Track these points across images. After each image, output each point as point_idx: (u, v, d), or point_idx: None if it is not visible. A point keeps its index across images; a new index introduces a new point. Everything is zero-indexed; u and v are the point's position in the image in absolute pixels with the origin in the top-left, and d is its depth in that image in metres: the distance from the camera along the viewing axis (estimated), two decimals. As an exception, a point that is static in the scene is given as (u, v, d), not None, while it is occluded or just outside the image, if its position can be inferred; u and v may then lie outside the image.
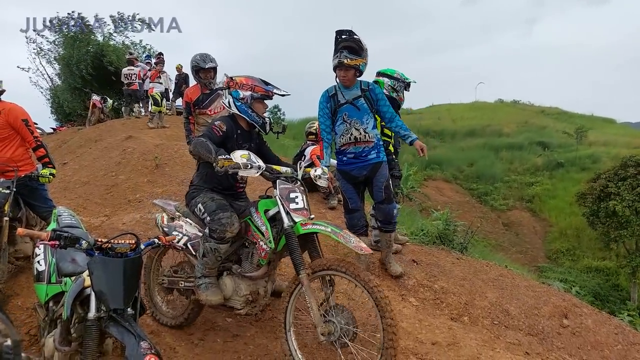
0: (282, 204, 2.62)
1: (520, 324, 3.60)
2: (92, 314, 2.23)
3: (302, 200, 2.68)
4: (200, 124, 5.28)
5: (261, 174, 2.66)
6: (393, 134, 4.62)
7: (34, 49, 18.49)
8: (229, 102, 2.97)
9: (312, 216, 2.70)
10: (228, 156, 2.57)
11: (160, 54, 13.77)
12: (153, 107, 11.32)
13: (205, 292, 2.78)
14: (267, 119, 2.98)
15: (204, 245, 2.76)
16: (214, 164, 2.57)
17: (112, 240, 2.40)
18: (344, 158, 3.88)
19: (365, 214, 4.19)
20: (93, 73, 16.77)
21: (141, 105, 13.01)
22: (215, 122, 2.91)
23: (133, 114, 13.53)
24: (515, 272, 4.68)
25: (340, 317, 2.43)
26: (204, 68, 5.05)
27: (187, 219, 3.10)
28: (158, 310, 3.29)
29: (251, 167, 2.54)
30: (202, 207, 2.83)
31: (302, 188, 2.76)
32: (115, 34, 18.05)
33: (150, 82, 11.83)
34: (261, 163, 2.60)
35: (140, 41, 19.50)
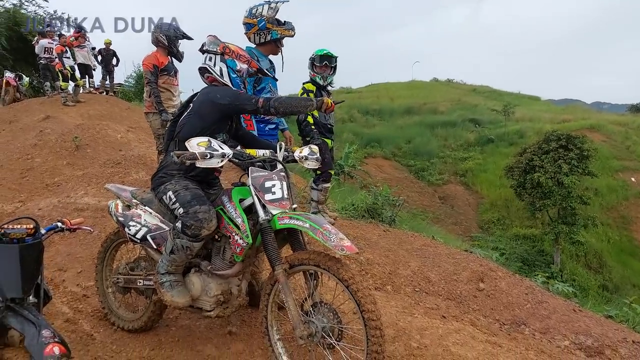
0: (257, 195, 2.30)
1: (439, 290, 3.77)
2: None
3: (281, 188, 2.34)
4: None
5: (231, 161, 2.33)
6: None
7: None
8: (220, 71, 2.60)
9: (295, 206, 2.39)
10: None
11: (80, 28, 12.75)
12: (62, 83, 10.52)
13: (170, 292, 2.43)
14: None
15: (173, 242, 2.38)
16: (172, 156, 2.20)
17: (5, 225, 2.21)
18: (266, 128, 3.75)
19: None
20: (7, 47, 15.21)
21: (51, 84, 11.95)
22: (234, 89, 2.58)
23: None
24: (438, 242, 4.89)
25: (321, 316, 2.17)
26: (180, 37, 5.09)
27: (146, 207, 2.72)
28: (113, 313, 2.94)
29: (211, 157, 2.18)
30: (173, 196, 2.42)
31: (282, 174, 2.40)
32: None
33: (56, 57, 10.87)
34: (226, 150, 2.25)
35: (61, 13, 17.88)
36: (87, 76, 12.72)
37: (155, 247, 2.60)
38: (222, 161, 2.24)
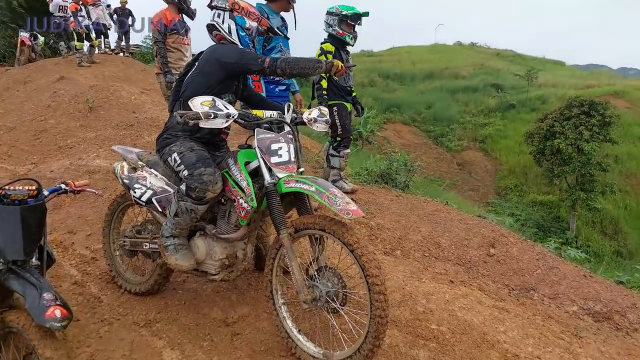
0: (262, 158, 2.24)
1: (449, 255, 3.71)
2: None
3: (288, 151, 2.27)
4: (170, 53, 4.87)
5: (237, 122, 2.27)
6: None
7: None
8: (228, 28, 2.52)
9: (302, 169, 2.34)
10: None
11: None
12: (77, 43, 10.41)
13: (174, 255, 2.41)
14: None
15: (177, 204, 2.34)
16: (175, 115, 2.13)
17: (6, 187, 2.19)
18: (276, 90, 3.64)
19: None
20: (23, 5, 15.04)
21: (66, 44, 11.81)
22: (242, 47, 2.49)
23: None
24: (451, 207, 4.80)
25: (326, 281, 2.15)
26: None
27: (152, 169, 2.68)
28: (121, 276, 2.95)
29: (215, 117, 2.11)
30: (177, 158, 2.38)
31: (289, 136, 2.33)
32: None
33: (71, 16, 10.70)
34: (231, 110, 2.19)
35: None
36: (102, 36, 12.58)
37: (160, 210, 2.58)
38: (226, 121, 2.18)
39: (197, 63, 2.51)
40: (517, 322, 2.70)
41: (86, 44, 10.87)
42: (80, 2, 11.07)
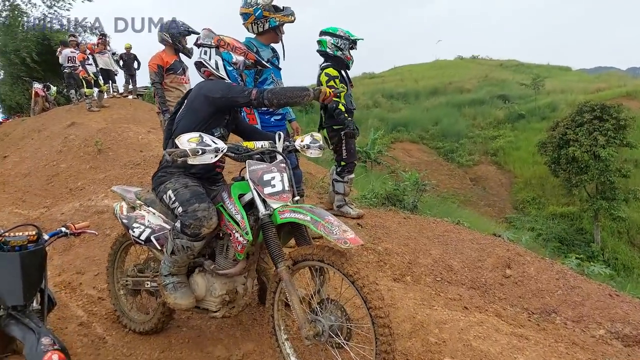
0: (255, 189, 2.20)
1: (462, 279, 3.58)
2: None
3: (281, 180, 2.23)
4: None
5: (227, 156, 2.25)
6: (342, 94, 4.45)
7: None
8: (215, 64, 2.54)
9: (297, 198, 2.30)
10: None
11: (103, 35, 13.00)
12: (87, 90, 10.75)
13: (173, 294, 2.37)
14: None
15: (173, 242, 2.32)
16: (165, 155, 2.12)
17: (6, 234, 2.20)
18: (272, 119, 3.63)
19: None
20: (38, 60, 15.73)
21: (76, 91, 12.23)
22: (227, 82, 2.50)
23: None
24: (462, 227, 4.67)
25: (328, 314, 2.06)
26: (184, 33, 5.03)
27: (150, 208, 2.69)
28: (125, 315, 2.93)
29: (203, 153, 2.08)
30: (172, 195, 2.36)
31: (282, 165, 2.29)
32: (48, 13, 16.82)
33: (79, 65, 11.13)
34: (220, 144, 2.15)
35: (84, 19, 18.29)
36: (110, 81, 12.98)
37: (159, 247, 2.55)
38: (215, 156, 2.14)
39: (185, 101, 2.53)
40: (538, 351, 2.54)
41: (95, 90, 11.20)
42: (87, 52, 11.49)
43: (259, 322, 2.85)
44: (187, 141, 2.09)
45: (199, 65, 2.59)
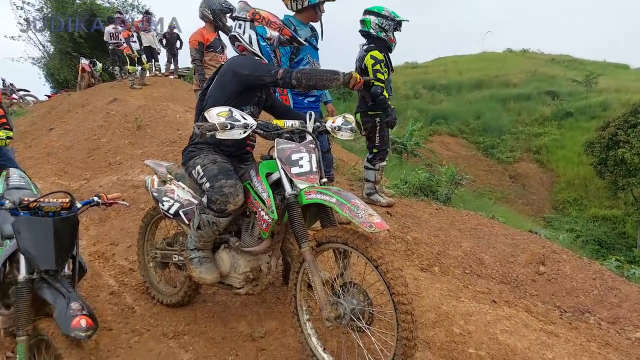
0: (283, 168, 2.18)
1: (493, 273, 3.46)
2: (21, 275, 2.16)
3: (309, 161, 2.20)
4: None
5: (256, 133, 2.22)
6: (386, 77, 4.35)
7: (20, 16, 17.94)
8: (249, 38, 2.47)
9: (325, 180, 2.26)
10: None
11: (147, 12, 13.29)
12: (130, 67, 11.01)
13: (198, 268, 2.40)
14: None
15: (199, 217, 2.33)
16: (195, 128, 2.10)
17: (40, 199, 2.28)
18: (305, 101, 3.58)
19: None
20: (84, 36, 16.28)
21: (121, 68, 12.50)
22: (257, 59, 2.43)
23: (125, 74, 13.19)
24: (497, 222, 4.51)
25: (350, 297, 2.04)
26: (225, 10, 4.98)
27: (180, 182, 2.71)
28: (154, 287, 3.00)
29: (232, 128, 2.06)
30: (201, 170, 2.37)
31: (311, 146, 2.25)
32: None
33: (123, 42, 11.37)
34: (250, 120, 2.12)
35: None
36: (152, 60, 13.26)
37: (187, 222, 2.58)
38: (244, 132, 2.12)
39: (216, 76, 2.52)
40: (567, 349, 2.42)
41: (138, 67, 11.45)
42: (133, 29, 11.75)
43: (282, 301, 2.86)
44: (216, 115, 2.08)
45: (233, 39, 2.55)
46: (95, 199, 2.58)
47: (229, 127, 2.07)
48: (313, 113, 2.38)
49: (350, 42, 4.62)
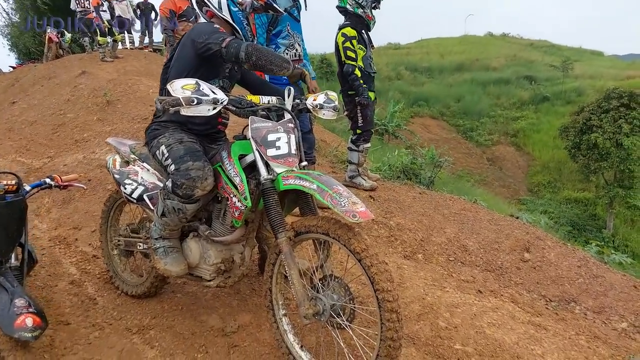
0: (258, 150, 1.95)
1: (477, 260, 3.35)
2: None
3: (288, 142, 1.97)
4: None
5: (227, 109, 1.97)
6: (359, 56, 4.11)
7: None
8: (218, 3, 2.20)
9: (305, 163, 2.06)
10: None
11: None
12: (100, 38, 10.39)
13: (163, 259, 2.17)
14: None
15: (164, 203, 2.10)
16: (156, 102, 1.82)
17: (-18, 182, 2.02)
18: (284, 79, 3.32)
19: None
20: (48, 2, 15.29)
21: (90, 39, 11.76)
22: (216, 26, 2.12)
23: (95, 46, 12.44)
24: (480, 206, 4.41)
25: (331, 292, 1.87)
26: None
27: (144, 164, 2.47)
28: (118, 276, 2.75)
29: (199, 103, 1.79)
30: (165, 151, 2.11)
31: (290, 125, 2.02)
32: None
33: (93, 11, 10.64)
34: (220, 95, 1.86)
35: None
36: (125, 31, 12.55)
37: (152, 207, 2.33)
38: (214, 108, 1.86)
39: (178, 46, 2.25)
40: (557, 343, 2.32)
41: (109, 39, 10.82)
42: None
43: (257, 292, 2.67)
44: (180, 88, 1.81)
45: (200, 3, 2.27)
46: (48, 180, 2.34)
47: (195, 102, 1.80)
48: (292, 89, 2.14)
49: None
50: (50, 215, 4.02)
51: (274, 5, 2.35)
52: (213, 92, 1.87)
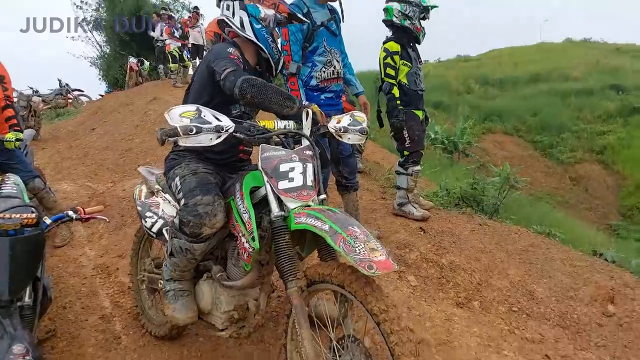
0: (269, 183, 1.76)
1: (548, 312, 2.84)
2: None
3: (303, 173, 1.75)
4: None
5: (236, 137, 1.73)
6: (402, 72, 3.83)
7: (78, 17, 18.59)
8: (240, 21, 2.05)
9: (323, 197, 1.80)
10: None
11: (196, 8, 13.21)
12: (172, 64, 10.95)
13: (172, 304, 1.99)
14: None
15: (171, 242, 1.96)
16: (156, 133, 1.68)
17: (0, 214, 1.99)
18: (322, 96, 3.06)
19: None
20: (130, 34, 16.56)
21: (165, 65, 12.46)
22: (230, 50, 1.98)
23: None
24: (552, 241, 3.83)
25: (349, 357, 1.61)
26: None
27: (167, 195, 2.32)
28: (145, 314, 2.66)
29: (198, 132, 1.60)
30: (179, 183, 1.96)
31: (307, 152, 1.81)
32: None
33: (167, 39, 11.31)
34: (225, 122, 1.66)
35: None
36: (197, 57, 13.19)
37: None
38: (217, 137, 1.65)
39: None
40: None
41: (179, 65, 11.41)
42: (178, 25, 11.68)
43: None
44: (178, 116, 1.63)
45: (222, 24, 2.13)
46: (70, 213, 2.28)
47: (194, 131, 1.60)
48: (310, 110, 1.88)
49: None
50: (101, 241, 4.09)
51: (297, 14, 2.16)
52: (217, 118, 1.68)
